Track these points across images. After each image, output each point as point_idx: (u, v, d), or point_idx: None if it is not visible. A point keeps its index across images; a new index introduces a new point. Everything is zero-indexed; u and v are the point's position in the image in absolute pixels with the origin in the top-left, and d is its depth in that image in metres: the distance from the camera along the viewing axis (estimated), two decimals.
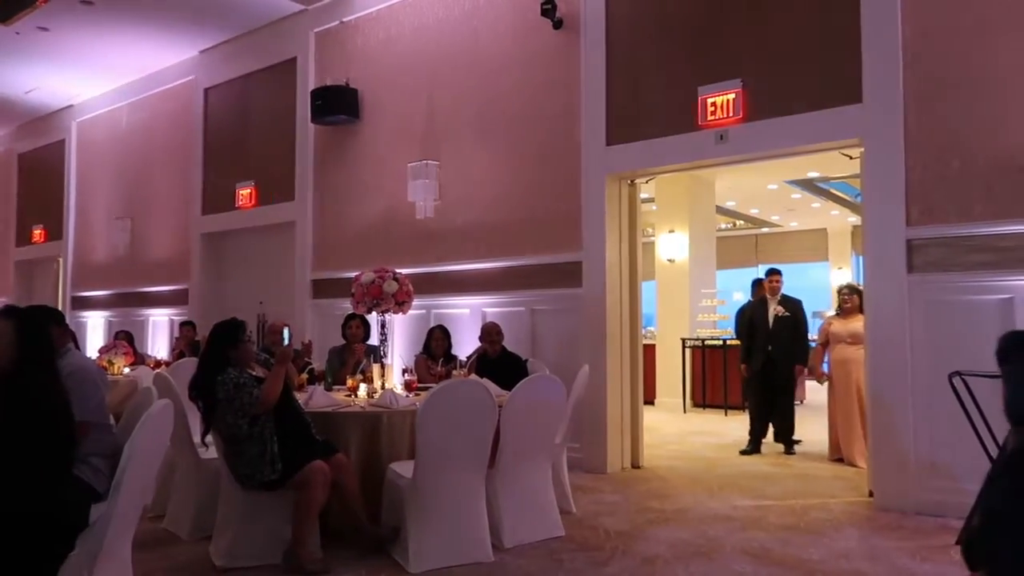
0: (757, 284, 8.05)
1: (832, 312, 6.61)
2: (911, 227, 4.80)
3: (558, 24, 6.38)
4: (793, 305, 6.92)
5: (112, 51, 9.58)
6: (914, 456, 4.72)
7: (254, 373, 3.94)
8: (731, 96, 5.54)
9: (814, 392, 9.09)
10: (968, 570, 0.67)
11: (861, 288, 6.45)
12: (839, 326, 6.47)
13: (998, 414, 4.24)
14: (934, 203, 4.74)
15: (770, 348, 6.81)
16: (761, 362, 6.84)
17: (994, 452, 4.11)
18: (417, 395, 4.68)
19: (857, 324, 6.13)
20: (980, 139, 4.60)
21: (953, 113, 4.69)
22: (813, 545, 4.10)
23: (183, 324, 8.51)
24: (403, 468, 3.95)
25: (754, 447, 6.83)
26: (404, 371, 5.12)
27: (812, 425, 7.49)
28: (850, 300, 6.44)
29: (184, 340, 8.09)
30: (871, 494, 5.00)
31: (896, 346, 4.81)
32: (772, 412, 6.89)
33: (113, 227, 10.91)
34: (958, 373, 4.23)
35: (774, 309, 6.89)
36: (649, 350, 9.46)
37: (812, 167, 10.39)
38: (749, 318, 7.09)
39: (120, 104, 11.15)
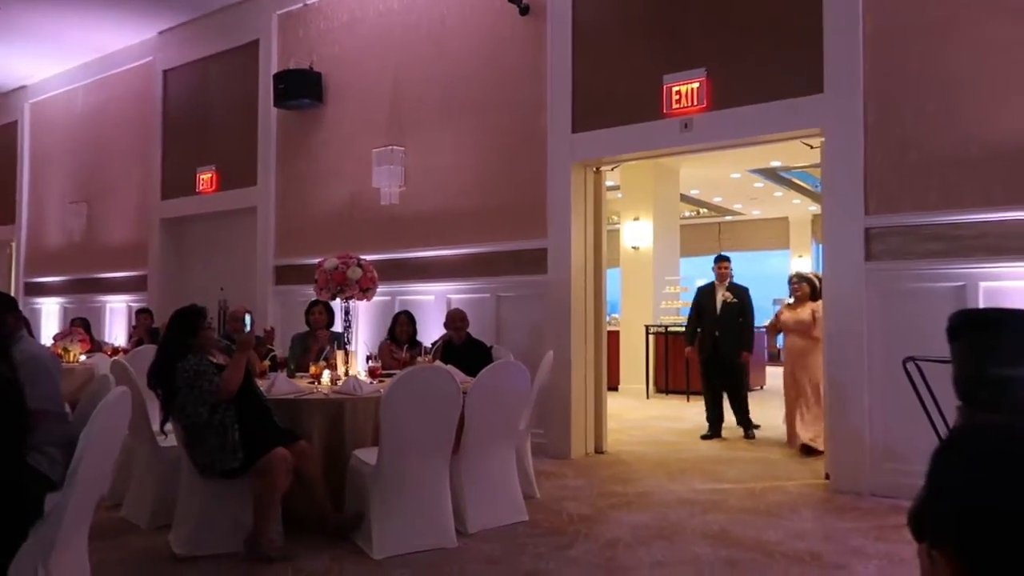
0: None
1: (790, 300, 6.66)
2: (869, 216, 4.89)
3: (525, 10, 6.36)
4: (740, 292, 6.96)
5: (67, 30, 9.31)
6: (869, 439, 4.84)
7: (215, 360, 3.88)
8: (695, 85, 5.58)
9: (775, 378, 9.26)
10: (915, 542, 0.69)
11: (811, 276, 6.54)
12: (788, 314, 6.43)
13: (950, 398, 4.37)
14: (891, 193, 4.84)
15: (717, 334, 6.88)
16: (709, 349, 6.90)
17: (945, 435, 4.24)
18: (381, 382, 4.66)
19: (805, 313, 6.18)
20: (935, 131, 4.70)
21: (910, 105, 4.78)
22: (771, 527, 4.19)
23: (139, 312, 8.34)
24: (367, 455, 3.94)
25: (714, 432, 6.93)
26: (368, 358, 5.09)
27: (772, 410, 7.63)
28: (799, 288, 6.40)
29: (142, 328, 7.94)
30: (827, 477, 5.12)
31: (853, 332, 4.91)
32: (725, 397, 7.00)
33: (68, 212, 10.64)
34: (912, 358, 4.33)
35: (722, 295, 6.94)
36: (613, 336, 9.54)
37: (774, 156, 10.53)
38: (697, 302, 7.15)
39: (75, 85, 10.84)
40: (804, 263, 16.48)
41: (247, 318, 4.46)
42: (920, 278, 4.75)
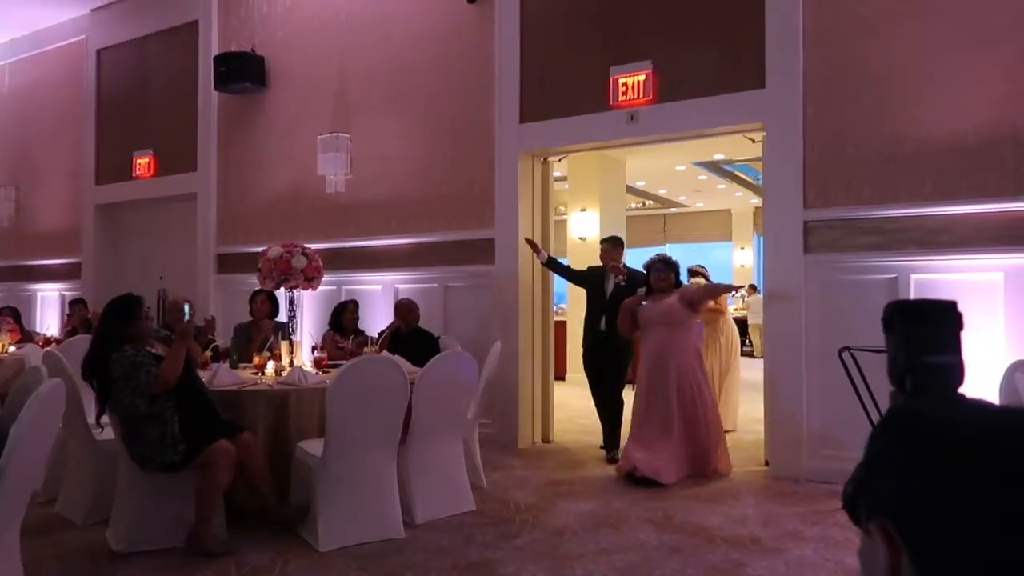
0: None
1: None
2: (808, 209, 5.03)
3: None
4: (633, 277, 5.57)
5: None
6: (807, 427, 4.99)
7: (153, 351, 3.78)
8: (641, 78, 5.64)
9: None
10: (851, 521, 0.73)
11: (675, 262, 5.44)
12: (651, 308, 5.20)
13: (884, 387, 4.54)
14: (829, 187, 4.98)
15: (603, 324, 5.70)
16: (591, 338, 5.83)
17: (877, 421, 4.41)
18: (327, 372, 4.61)
19: (670, 302, 5.11)
20: (868, 127, 4.86)
21: (846, 101, 4.93)
22: (712, 512, 4.30)
23: (73, 303, 8.03)
24: (312, 446, 3.89)
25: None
26: (313, 348, 5.02)
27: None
28: (666, 278, 5.25)
29: (77, 319, 7.65)
30: (767, 463, 5.27)
31: (792, 323, 5.05)
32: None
33: None
34: (847, 348, 4.50)
35: (616, 280, 5.66)
36: (560, 327, 9.59)
37: (718, 150, 10.72)
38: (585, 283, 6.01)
39: (2, 63, 10.35)
40: (746, 255, 16.86)
41: (187, 307, 4.34)
42: (855, 270, 4.91)
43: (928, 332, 2.67)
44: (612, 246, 5.83)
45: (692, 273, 6.55)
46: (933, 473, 0.56)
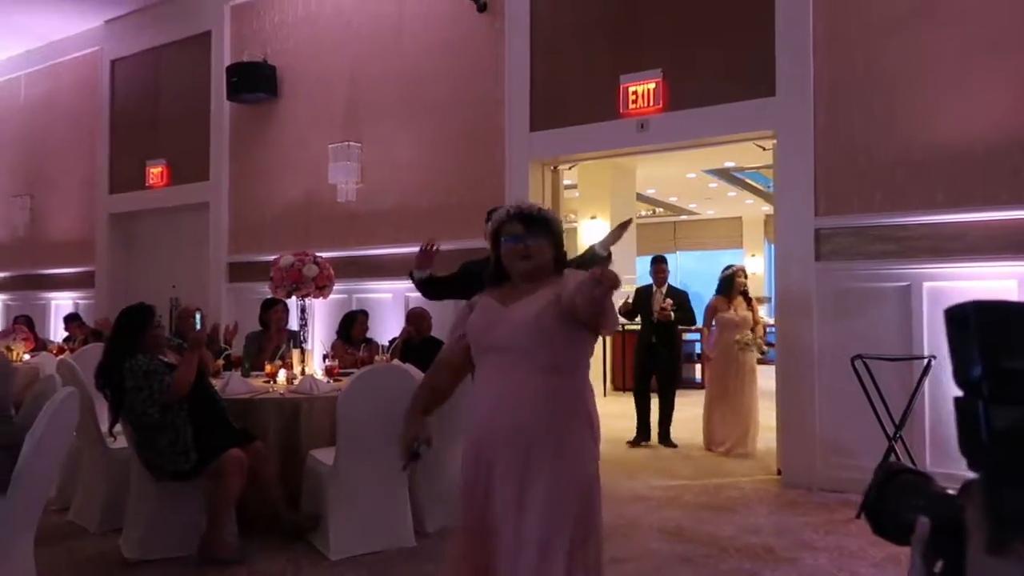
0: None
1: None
2: (819, 217, 5.01)
3: (482, 8, 6.35)
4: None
5: (8, 17, 8.98)
6: (819, 435, 4.96)
7: (166, 359, 3.80)
8: (651, 86, 5.64)
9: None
10: (882, 535, 0.74)
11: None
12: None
13: (895, 395, 4.52)
14: (840, 194, 4.97)
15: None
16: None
17: (890, 430, 4.38)
18: (338, 381, 4.61)
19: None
20: (879, 134, 4.84)
21: (857, 108, 4.91)
22: (725, 522, 4.27)
23: (68, 318, 7.93)
24: (324, 455, 3.90)
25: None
26: (325, 356, 5.04)
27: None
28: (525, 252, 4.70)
29: (82, 331, 7.56)
30: (779, 472, 5.23)
31: (803, 331, 5.03)
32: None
33: (11, 205, 10.27)
34: (860, 356, 4.48)
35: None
36: None
37: (728, 157, 10.70)
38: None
39: (18, 74, 10.47)
40: (757, 262, 16.79)
41: (198, 316, 4.37)
42: (868, 278, 4.88)
43: (1010, 335, 2.62)
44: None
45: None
46: None
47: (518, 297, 2.19)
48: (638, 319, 6.72)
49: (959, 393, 0.82)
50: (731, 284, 6.43)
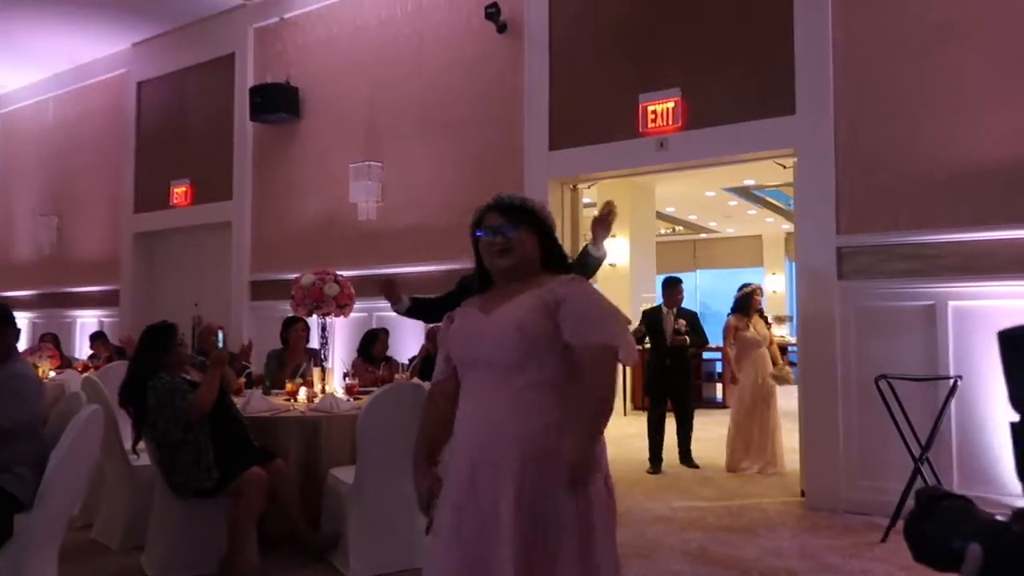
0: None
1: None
2: (841, 235, 4.97)
3: (502, 28, 6.40)
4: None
5: (38, 40, 9.19)
6: (843, 457, 4.89)
7: (188, 377, 3.83)
8: (671, 104, 5.65)
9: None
10: (925, 563, 0.72)
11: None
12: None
13: (921, 416, 4.45)
14: (862, 212, 4.93)
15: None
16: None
17: (916, 451, 4.30)
18: (358, 399, 4.63)
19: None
20: (902, 151, 4.80)
21: (878, 125, 4.88)
22: (748, 544, 4.21)
23: (94, 336, 7.99)
24: (344, 473, 3.90)
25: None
26: (345, 375, 5.05)
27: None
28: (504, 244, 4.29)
29: (107, 350, 7.63)
30: (803, 494, 5.16)
31: (826, 350, 4.97)
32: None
33: (38, 224, 10.45)
34: (884, 376, 4.41)
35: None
36: None
37: (748, 175, 10.68)
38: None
39: (47, 96, 10.70)
40: (778, 281, 16.67)
41: (220, 334, 4.41)
42: (891, 296, 4.83)
43: None
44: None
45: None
46: None
47: (501, 302, 1.92)
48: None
49: (999, 416, 0.81)
50: (749, 303, 6.42)
